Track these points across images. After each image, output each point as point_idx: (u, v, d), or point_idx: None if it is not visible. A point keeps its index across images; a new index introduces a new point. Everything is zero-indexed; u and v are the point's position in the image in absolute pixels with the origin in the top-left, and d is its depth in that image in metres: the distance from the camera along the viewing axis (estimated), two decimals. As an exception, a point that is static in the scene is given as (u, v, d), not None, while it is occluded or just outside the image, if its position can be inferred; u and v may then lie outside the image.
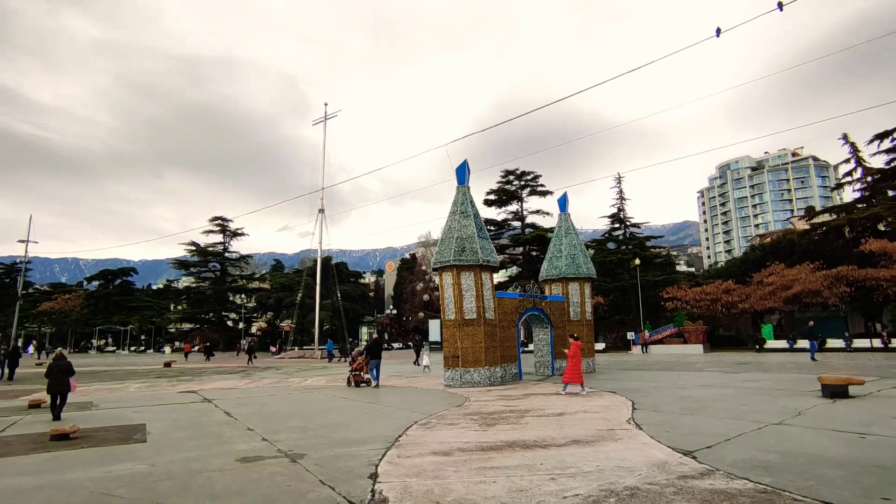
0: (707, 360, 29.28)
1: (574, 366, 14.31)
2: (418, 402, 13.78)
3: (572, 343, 14.75)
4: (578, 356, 14.53)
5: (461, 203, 18.71)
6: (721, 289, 40.82)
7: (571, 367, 14.31)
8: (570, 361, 14.39)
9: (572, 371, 14.29)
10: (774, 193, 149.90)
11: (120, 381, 22.57)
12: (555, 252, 23.29)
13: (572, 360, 14.35)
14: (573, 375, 14.28)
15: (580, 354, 14.73)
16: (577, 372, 14.32)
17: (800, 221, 62.50)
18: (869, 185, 43.17)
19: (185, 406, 13.74)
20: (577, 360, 14.37)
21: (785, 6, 12.71)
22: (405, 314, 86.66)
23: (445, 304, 18.01)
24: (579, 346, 14.88)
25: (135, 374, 28.01)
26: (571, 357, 14.39)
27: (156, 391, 18.07)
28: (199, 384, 20.49)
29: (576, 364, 14.34)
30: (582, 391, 14.27)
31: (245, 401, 14.69)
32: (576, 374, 14.29)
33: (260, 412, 12.32)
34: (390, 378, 21.78)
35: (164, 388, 19.33)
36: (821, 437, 7.94)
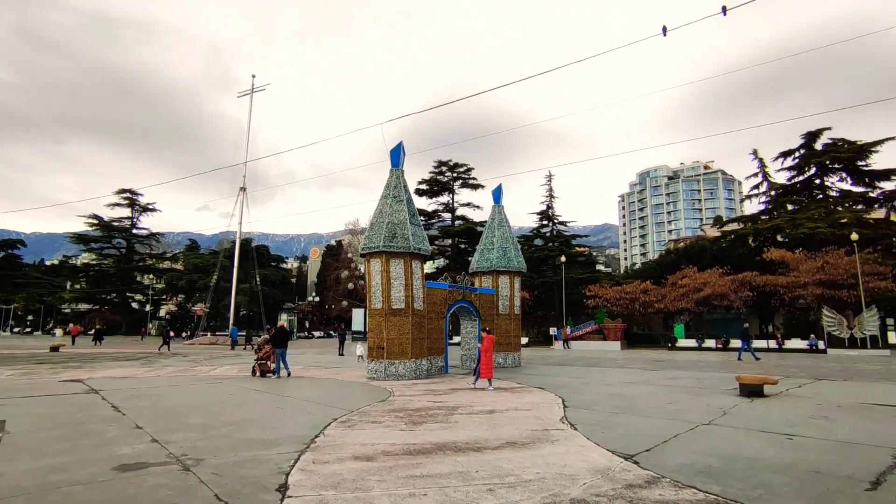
0: (625, 356, 30.23)
1: (487, 360, 13.93)
2: (339, 396, 12.77)
3: (485, 337, 14.35)
4: (491, 351, 14.15)
5: (394, 187, 17.76)
6: (639, 289, 42.56)
7: (486, 361, 13.92)
8: (482, 356, 14.01)
9: (487, 365, 13.90)
10: (687, 202, 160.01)
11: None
12: (486, 244, 22.89)
13: (485, 354, 13.97)
14: (488, 369, 13.89)
15: (493, 349, 14.36)
16: (488, 367, 13.93)
17: (710, 229, 66.74)
18: (772, 198, 46.63)
19: (63, 398, 11.88)
20: (489, 355, 14.00)
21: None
22: (328, 302, 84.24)
23: (372, 292, 17.04)
24: (492, 339, 14.48)
25: (12, 359, 24.70)
26: (484, 351, 14.00)
27: (32, 380, 15.74)
28: (89, 372, 18.22)
29: (488, 358, 13.96)
30: (489, 387, 13.84)
31: (140, 392, 13.01)
32: (487, 369, 13.89)
33: (156, 406, 10.82)
34: (310, 369, 20.52)
35: (45, 375, 16.95)
36: (752, 438, 7.84)
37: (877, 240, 39.77)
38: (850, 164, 43.52)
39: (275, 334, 17.74)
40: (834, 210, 41.79)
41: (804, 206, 43.51)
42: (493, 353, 14.35)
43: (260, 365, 17.26)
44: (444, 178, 59.82)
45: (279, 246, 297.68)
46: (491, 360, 14.09)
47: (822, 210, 41.60)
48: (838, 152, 42.59)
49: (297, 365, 22.33)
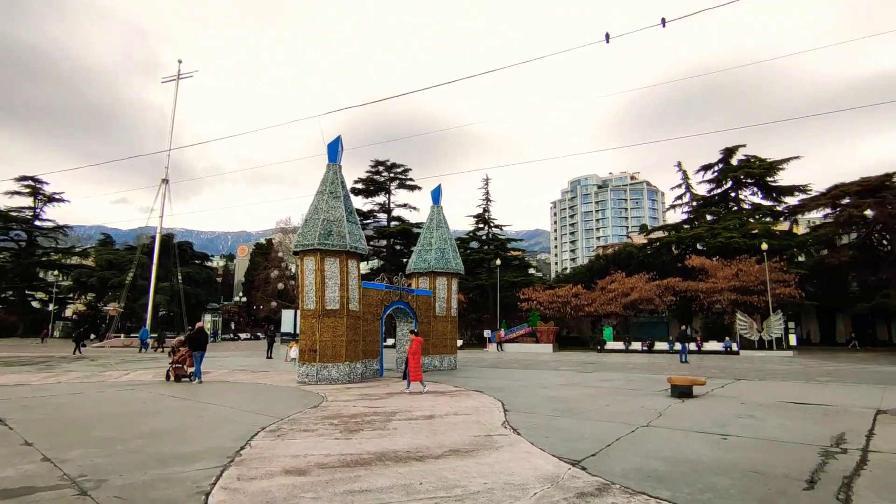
0: (558, 359, 30.82)
1: (415, 363, 13.68)
2: (267, 402, 11.93)
3: (413, 339, 14.11)
4: (419, 353, 13.90)
5: (331, 182, 17.02)
6: (571, 292, 43.72)
7: (414, 364, 13.66)
8: (410, 359, 13.75)
9: (416, 368, 13.64)
10: (614, 210, 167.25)
11: None
12: (424, 245, 22.53)
13: (413, 357, 13.71)
14: (416, 373, 13.63)
15: (420, 351, 14.08)
16: (417, 369, 13.67)
17: (637, 236, 69.94)
18: (694, 209, 49.51)
19: (-61, 409, 10.32)
20: (417, 358, 13.76)
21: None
22: (256, 303, 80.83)
23: (305, 291, 16.20)
24: (420, 342, 14.24)
25: None
26: (412, 354, 13.73)
27: None
28: (-25, 378, 16.14)
29: (417, 361, 13.71)
30: (423, 388, 13.57)
31: (35, 402, 11.55)
32: (416, 372, 13.63)
33: (52, 418, 9.58)
34: (235, 373, 19.28)
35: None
36: (690, 439, 7.93)
37: (782, 250, 43.05)
38: (760, 179, 46.96)
39: (191, 336, 16.73)
40: (747, 221, 44.86)
41: (721, 217, 46.47)
42: (421, 356, 14.09)
43: (175, 369, 16.17)
44: (380, 178, 58.91)
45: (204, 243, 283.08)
46: (419, 363, 13.84)
47: (736, 221, 44.53)
48: (751, 168, 45.86)
49: (221, 369, 20.99)
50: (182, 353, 16.28)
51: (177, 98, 44.25)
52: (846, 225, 43.06)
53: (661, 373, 20.51)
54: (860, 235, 45.73)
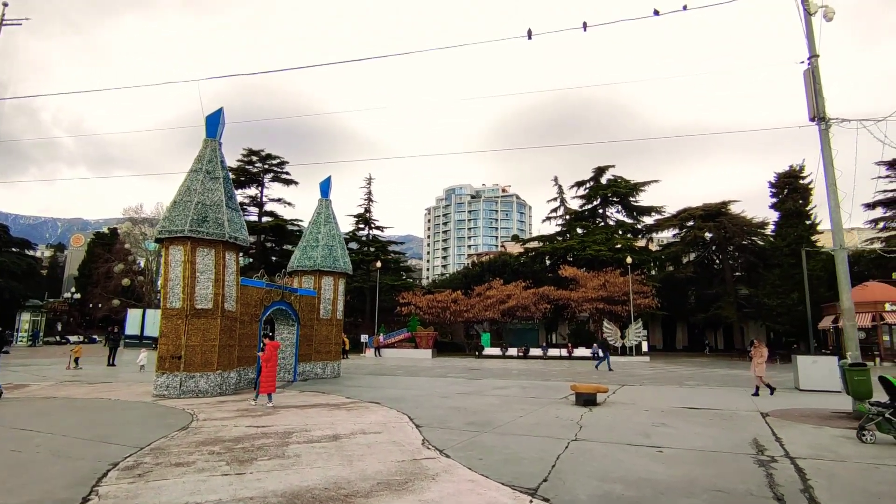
0: (441, 364, 30.21)
1: (269, 371, 11.92)
2: (116, 424, 9.41)
3: (267, 344, 12.35)
4: (274, 360, 12.21)
5: (209, 160, 14.53)
6: (451, 298, 43.67)
7: (267, 373, 11.89)
8: (263, 366, 11.97)
9: (269, 378, 11.89)
10: (486, 220, 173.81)
11: None
12: (310, 241, 20.51)
13: (266, 364, 11.95)
14: (270, 383, 11.90)
15: (276, 358, 12.40)
16: (270, 379, 11.95)
17: (510, 244, 72.71)
18: (567, 221, 52.52)
19: None
20: (271, 365, 12.04)
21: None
22: (93, 300, 70.15)
23: (170, 287, 13.53)
24: (276, 347, 12.53)
25: None
26: (265, 361, 11.97)
27: None
28: None
29: (270, 369, 11.97)
30: (269, 402, 11.88)
31: None
32: (268, 382, 11.91)
33: None
34: (65, 385, 15.64)
35: None
36: (629, 454, 7.39)
37: (641, 264, 47.21)
38: (624, 199, 51.25)
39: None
40: (612, 237, 48.56)
41: (591, 230, 49.81)
42: (276, 364, 12.38)
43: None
44: (253, 168, 54.28)
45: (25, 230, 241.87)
46: (274, 372, 12.09)
47: (603, 235, 48.00)
48: (618, 187, 49.84)
49: (45, 380, 17.04)
50: None
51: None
52: (691, 244, 48.47)
53: (548, 379, 20.70)
54: (699, 254, 51.93)
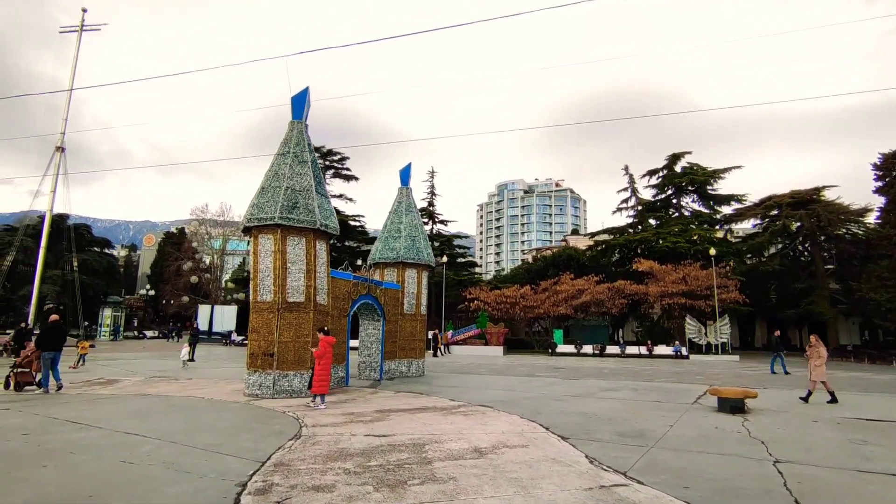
0: (518, 362, 28.67)
1: (322, 370, 10.81)
2: (221, 429, 8.45)
3: (321, 339, 11.10)
4: (328, 358, 10.98)
5: (296, 143, 13.59)
6: (519, 293, 41.98)
7: (320, 371, 10.81)
8: (316, 364, 10.92)
9: (322, 376, 10.80)
10: (539, 216, 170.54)
11: None
12: (392, 231, 19.42)
13: (320, 361, 10.85)
14: (323, 382, 10.78)
15: (330, 356, 11.13)
16: (324, 379, 10.82)
17: (574, 238, 70.17)
18: (638, 212, 49.68)
19: None
20: (325, 363, 10.89)
21: None
22: (165, 297, 72.80)
23: (260, 279, 12.66)
24: (331, 343, 11.25)
25: None
26: (319, 358, 10.87)
27: None
28: None
29: (324, 368, 10.85)
30: (321, 405, 10.77)
31: None
32: (321, 382, 10.78)
33: None
34: (154, 381, 15.17)
35: None
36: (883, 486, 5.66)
37: (721, 257, 43.95)
38: (701, 187, 47.86)
39: (43, 332, 13.03)
40: (688, 228, 45.43)
41: (665, 221, 46.82)
42: (330, 362, 11.21)
43: (19, 374, 12.62)
44: (315, 165, 54.48)
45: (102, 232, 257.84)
46: (328, 370, 10.93)
47: (679, 226, 44.97)
48: (695, 175, 46.55)
49: (134, 375, 16.74)
50: (27, 353, 12.83)
51: (78, 53, 37.63)
52: (777, 234, 44.67)
53: (650, 379, 18.82)
54: (785, 246, 47.91)
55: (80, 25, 38.32)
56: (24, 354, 12.97)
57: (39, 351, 12.52)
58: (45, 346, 12.47)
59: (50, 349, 12.48)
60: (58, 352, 12.70)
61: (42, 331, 13.38)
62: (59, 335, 12.84)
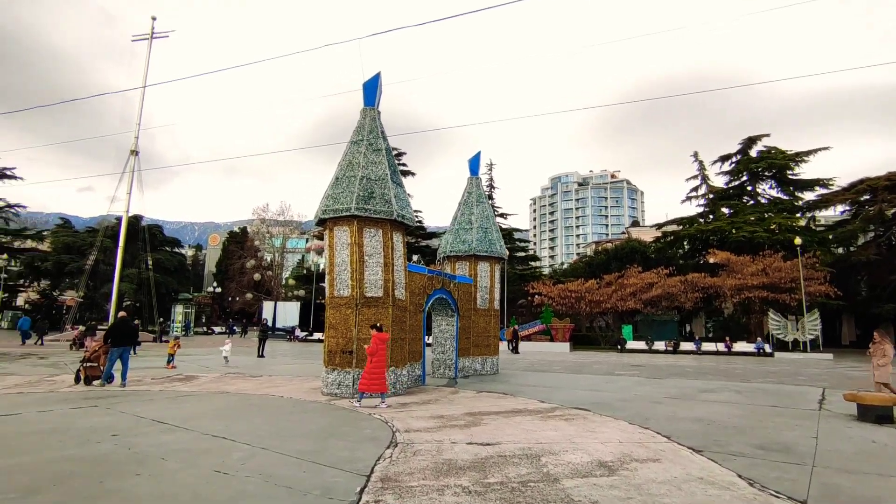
0: (590, 359, 27.31)
1: (376, 367, 10.22)
2: (310, 433, 7.85)
3: (374, 336, 10.40)
4: (383, 354, 10.42)
5: (369, 131, 12.95)
6: (584, 287, 40.39)
7: (371, 368, 10.22)
8: (369, 361, 10.29)
9: (372, 375, 10.20)
10: (595, 208, 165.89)
11: None
12: (463, 223, 18.60)
13: (373, 358, 10.25)
14: (373, 381, 10.19)
15: (383, 353, 10.50)
16: (379, 376, 10.26)
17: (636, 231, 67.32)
18: (710, 201, 46.76)
19: None
20: (378, 361, 10.29)
21: None
22: (230, 293, 75.38)
23: (336, 273, 12.12)
24: (384, 340, 10.59)
25: None
26: (371, 355, 10.26)
27: None
28: None
29: (378, 364, 10.27)
30: (382, 403, 10.21)
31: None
32: (377, 379, 10.24)
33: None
34: (229, 378, 15.01)
35: None
36: None
37: (805, 246, 40.64)
38: (780, 172, 44.46)
39: (111, 328, 13.21)
40: (765, 216, 42.32)
41: (739, 210, 43.81)
42: (385, 358, 10.62)
43: (88, 369, 12.81)
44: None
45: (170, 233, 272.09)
46: (381, 368, 10.30)
47: (756, 215, 41.96)
48: (773, 159, 43.27)
49: (209, 371, 16.72)
50: (94, 347, 13.01)
51: (149, 60, 38.96)
52: (872, 221, 40.84)
53: (747, 380, 17.16)
54: (880, 234, 43.78)
55: (150, 33, 39.70)
56: (92, 349, 13.17)
57: (107, 346, 12.69)
58: (114, 341, 12.63)
59: (118, 344, 12.64)
60: (126, 347, 12.86)
61: (111, 327, 13.54)
62: (127, 331, 13.01)
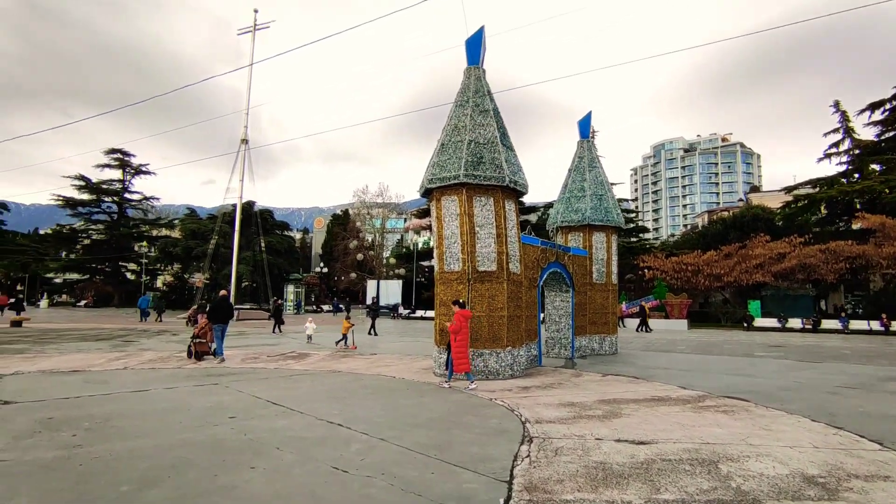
0: (713, 338, 24.65)
1: (461, 345, 9.64)
2: (430, 423, 7.08)
3: (457, 313, 9.86)
4: (465, 333, 9.74)
5: (475, 91, 11.86)
6: (702, 259, 36.83)
7: (457, 347, 9.65)
8: (453, 339, 9.71)
9: (458, 354, 9.64)
10: (703, 176, 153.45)
11: None
12: (574, 191, 17.07)
13: (457, 336, 9.65)
14: (462, 360, 9.65)
15: (466, 331, 9.81)
16: (463, 355, 9.65)
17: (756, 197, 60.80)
18: (856, 157, 40.48)
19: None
20: (462, 339, 9.67)
21: None
22: (336, 274, 78.75)
23: (445, 247, 11.31)
24: (468, 316, 9.96)
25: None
26: (454, 333, 9.68)
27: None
28: (28, 361, 12.62)
29: (461, 344, 9.65)
30: (471, 384, 9.62)
31: (71, 413, 7.37)
32: (462, 358, 9.65)
33: (75, 463, 5.19)
34: (339, 357, 14.92)
35: (-44, 366, 11.34)
36: None
37: None
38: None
39: (213, 306, 14.03)
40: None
41: (894, 166, 37.37)
42: (468, 337, 9.78)
43: (197, 344, 13.51)
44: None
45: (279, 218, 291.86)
46: (465, 347, 9.49)
47: (919, 170, 35.61)
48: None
49: (323, 349, 16.84)
50: (202, 325, 13.82)
51: (253, 51, 40.67)
52: None
53: None
54: None
55: (253, 25, 41.39)
56: (200, 326, 13.92)
57: (211, 323, 13.52)
58: (215, 318, 13.47)
59: (218, 322, 13.46)
60: (225, 324, 13.57)
61: (212, 305, 14.39)
62: (226, 308, 13.84)
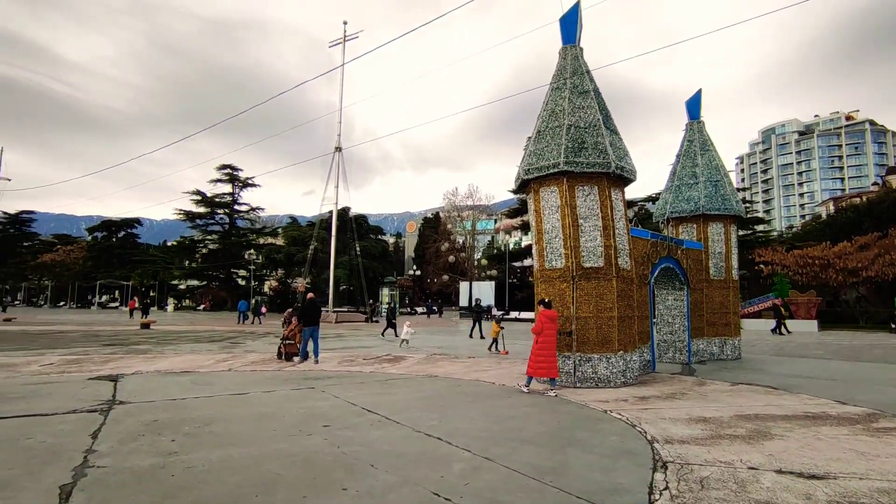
0: (854, 342, 21.48)
1: (543, 347, 8.87)
2: (534, 437, 6.30)
3: (541, 313, 9.18)
4: (548, 334, 8.94)
5: (572, 72, 10.88)
6: (833, 252, 32.61)
7: (537, 349, 8.91)
8: (536, 341, 9.02)
9: (538, 356, 8.87)
10: (823, 160, 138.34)
11: (37, 352, 15.51)
12: (684, 178, 15.44)
13: (539, 338, 8.96)
14: (540, 363, 8.86)
15: (551, 331, 9.02)
16: (548, 358, 8.87)
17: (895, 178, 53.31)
18: None
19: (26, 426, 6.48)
20: (545, 342, 8.90)
21: None
22: (428, 276, 79.71)
23: (546, 241, 10.42)
24: (553, 317, 9.15)
25: (90, 337, 21.18)
26: (537, 333, 9.03)
27: (61, 372, 10.93)
28: (148, 361, 13.40)
29: (546, 345, 8.89)
30: (552, 389, 8.96)
31: (179, 411, 7.43)
32: (544, 362, 8.85)
33: (173, 467, 5.01)
34: (436, 359, 14.49)
35: (87, 365, 12.21)
36: None
37: None
38: None
39: (302, 308, 14.03)
40: None
41: None
42: (555, 338, 9.17)
43: (287, 346, 13.81)
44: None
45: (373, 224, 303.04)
46: (548, 350, 8.91)
47: None
48: None
49: (419, 352, 16.54)
50: (292, 326, 13.98)
51: (344, 61, 41.97)
52: None
53: None
54: None
55: (342, 37, 42.77)
56: (290, 328, 14.10)
57: (301, 325, 13.63)
58: (305, 320, 13.56)
59: (307, 324, 13.51)
60: (315, 326, 13.57)
61: (301, 308, 14.37)
62: (314, 311, 13.83)
